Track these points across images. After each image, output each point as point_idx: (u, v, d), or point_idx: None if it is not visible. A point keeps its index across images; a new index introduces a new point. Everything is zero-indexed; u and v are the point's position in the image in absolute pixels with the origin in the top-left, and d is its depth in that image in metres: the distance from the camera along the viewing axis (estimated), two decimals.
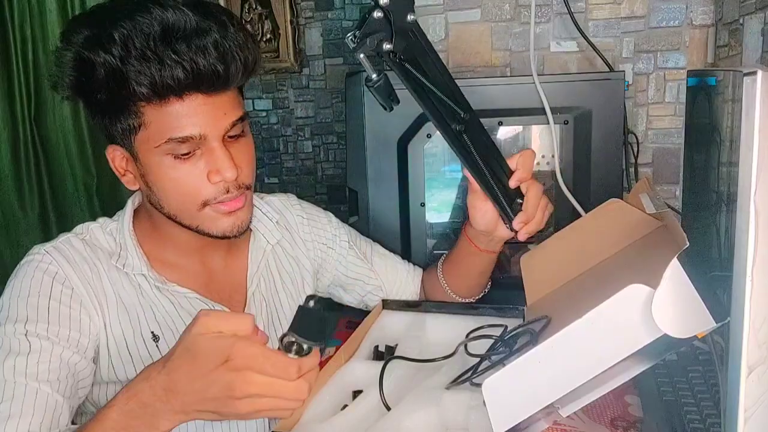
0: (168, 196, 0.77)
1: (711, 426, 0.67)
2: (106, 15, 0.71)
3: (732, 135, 0.53)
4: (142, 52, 0.68)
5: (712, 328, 0.55)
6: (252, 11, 2.97)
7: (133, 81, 0.69)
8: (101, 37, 0.69)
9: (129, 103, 0.72)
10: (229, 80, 0.74)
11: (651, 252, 0.78)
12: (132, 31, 0.69)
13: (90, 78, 0.70)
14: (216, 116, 0.74)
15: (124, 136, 0.75)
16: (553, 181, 1.12)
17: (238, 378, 0.53)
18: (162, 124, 0.72)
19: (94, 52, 0.69)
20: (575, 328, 0.59)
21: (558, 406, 0.63)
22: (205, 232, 0.79)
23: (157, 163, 0.75)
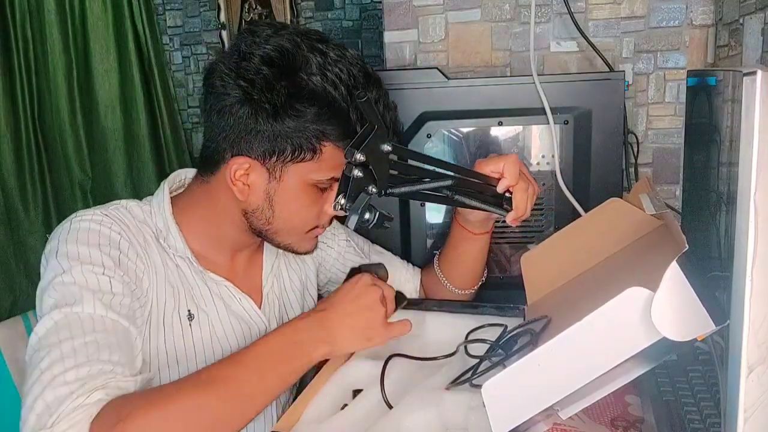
0: (288, 218, 0.82)
1: (711, 426, 0.67)
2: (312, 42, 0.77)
3: (732, 135, 0.53)
4: (385, 102, 0.79)
5: (711, 331, 0.55)
6: (252, 11, 2.97)
7: (359, 128, 0.74)
8: (324, 66, 0.75)
9: (320, 137, 0.76)
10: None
11: (651, 252, 0.78)
12: (350, 73, 0.76)
13: (304, 106, 0.74)
14: None
15: (280, 156, 0.77)
16: (553, 181, 1.12)
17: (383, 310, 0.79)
18: (334, 164, 0.78)
19: (312, 77, 0.74)
20: (574, 331, 0.59)
21: (558, 408, 0.63)
22: (293, 250, 0.87)
23: (301, 190, 0.80)
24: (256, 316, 0.90)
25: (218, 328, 0.87)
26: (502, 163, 0.87)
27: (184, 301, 0.84)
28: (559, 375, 0.60)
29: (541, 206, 1.15)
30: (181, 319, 0.83)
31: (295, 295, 0.99)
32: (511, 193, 0.89)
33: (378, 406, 0.78)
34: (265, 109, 0.75)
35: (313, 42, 0.76)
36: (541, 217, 1.15)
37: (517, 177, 0.87)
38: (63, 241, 0.75)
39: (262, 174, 0.79)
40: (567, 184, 1.10)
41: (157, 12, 2.98)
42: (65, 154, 2.24)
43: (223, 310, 0.87)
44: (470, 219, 0.96)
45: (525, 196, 0.89)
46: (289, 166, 0.78)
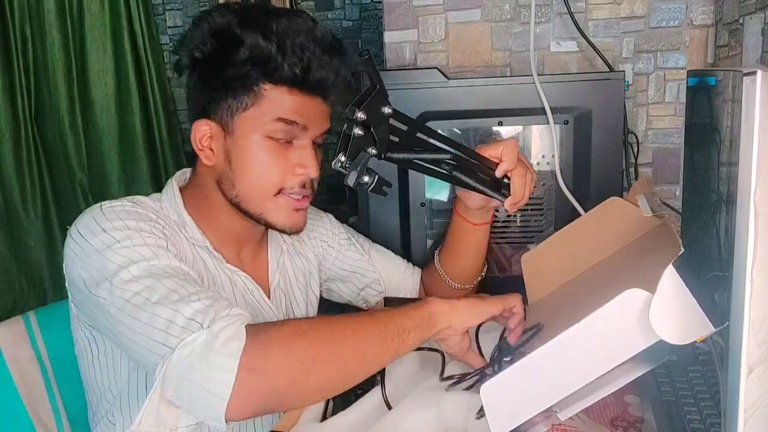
0: (248, 176, 0.81)
1: (711, 426, 0.67)
2: (255, 8, 0.80)
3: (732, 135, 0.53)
4: (301, 45, 0.77)
5: (710, 333, 0.55)
6: None
7: (288, 64, 0.76)
8: (257, 23, 0.77)
9: (255, 82, 0.78)
10: (345, 96, 0.81)
11: (650, 252, 0.78)
12: (288, 26, 0.77)
13: (230, 52, 0.77)
14: (319, 119, 0.82)
15: (229, 112, 0.79)
16: (553, 181, 1.12)
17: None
18: (278, 105, 0.79)
19: (248, 32, 0.76)
20: (573, 333, 0.59)
21: (557, 409, 0.63)
22: (266, 221, 0.84)
23: (253, 141, 0.80)
24: (267, 308, 0.91)
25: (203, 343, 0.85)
26: (500, 147, 0.88)
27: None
28: (558, 376, 0.60)
29: (541, 206, 1.15)
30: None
31: (300, 292, 0.99)
32: (509, 179, 0.90)
33: (378, 406, 0.78)
34: (200, 62, 0.80)
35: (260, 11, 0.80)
36: (541, 217, 1.15)
37: (515, 161, 0.89)
38: (104, 220, 0.75)
39: (219, 133, 0.81)
40: (567, 184, 1.10)
41: (156, 12, 2.97)
42: (65, 154, 2.25)
43: (242, 301, 0.88)
44: (470, 208, 0.96)
45: (523, 181, 0.90)
46: (237, 117, 0.80)
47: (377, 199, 1.13)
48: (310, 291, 1.02)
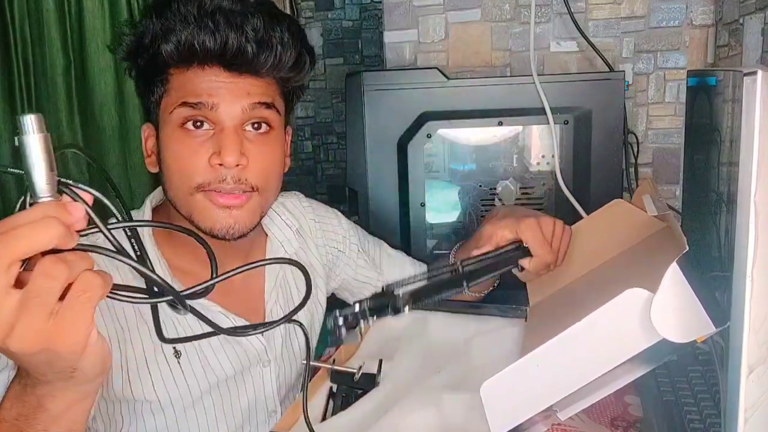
0: (170, 173, 0.74)
1: (711, 426, 0.67)
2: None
3: (732, 135, 0.53)
4: (184, 17, 0.70)
5: (711, 333, 0.55)
6: None
7: (162, 39, 0.71)
8: (162, 8, 0.72)
9: (161, 68, 0.73)
10: (255, 65, 0.72)
11: (653, 254, 0.78)
12: (186, 1, 0.71)
13: (141, 43, 0.73)
14: (236, 94, 0.72)
15: (155, 108, 0.75)
16: (553, 181, 1.12)
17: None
18: (182, 88, 0.72)
19: (152, 20, 0.71)
20: (574, 332, 0.59)
21: (556, 409, 0.63)
22: (196, 225, 0.74)
23: (168, 135, 0.73)
24: (254, 339, 0.83)
25: (211, 359, 0.80)
26: (515, 229, 0.83)
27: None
28: (558, 375, 0.60)
29: (541, 206, 1.15)
30: (167, 358, 0.77)
31: (304, 308, 0.94)
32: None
33: (378, 406, 0.78)
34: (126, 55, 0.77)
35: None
36: None
37: (541, 240, 0.82)
38: None
39: (153, 136, 0.77)
40: (567, 184, 1.10)
41: None
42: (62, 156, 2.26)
43: (215, 338, 0.79)
44: None
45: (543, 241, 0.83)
46: (158, 111, 0.75)
47: (377, 199, 1.14)
48: (317, 304, 0.97)
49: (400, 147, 1.11)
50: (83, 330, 0.44)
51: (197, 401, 0.79)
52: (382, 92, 1.10)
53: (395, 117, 1.10)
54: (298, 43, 0.75)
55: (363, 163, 1.12)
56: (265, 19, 0.72)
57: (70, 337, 0.43)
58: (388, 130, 1.11)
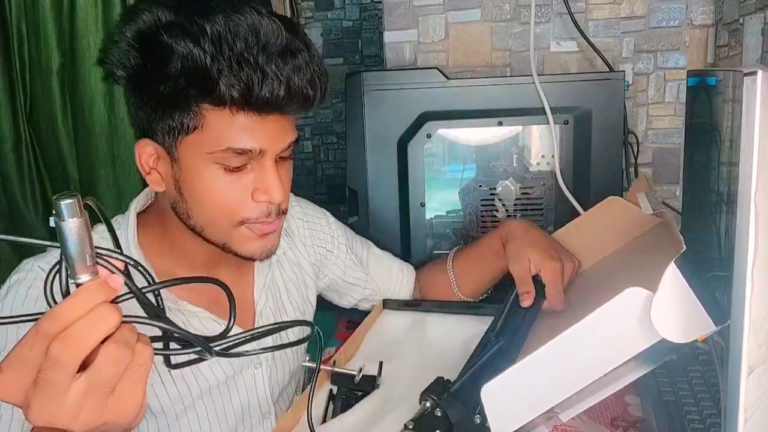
0: (203, 207, 0.71)
1: (711, 426, 0.67)
2: (192, 3, 0.66)
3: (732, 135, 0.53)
4: (241, 55, 0.64)
5: (711, 332, 0.55)
6: None
7: (224, 84, 0.64)
8: (189, 26, 0.64)
9: (194, 102, 0.66)
10: (313, 105, 0.70)
11: (650, 251, 0.78)
12: (226, 28, 0.64)
13: (161, 65, 0.64)
14: (279, 135, 0.70)
15: (170, 134, 0.69)
16: (553, 181, 1.12)
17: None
18: (224, 131, 0.67)
19: (178, 39, 0.63)
20: (574, 332, 0.59)
21: (558, 410, 0.63)
22: (233, 251, 0.74)
23: (201, 170, 0.69)
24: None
25: (203, 365, 0.78)
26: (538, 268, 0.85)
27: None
28: (559, 377, 0.60)
29: (541, 206, 1.15)
30: (157, 366, 0.74)
31: (293, 307, 0.92)
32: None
33: (379, 408, 0.78)
34: (130, 76, 0.69)
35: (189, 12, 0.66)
36: (541, 217, 1.15)
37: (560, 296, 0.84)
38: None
39: (165, 157, 0.71)
40: (567, 184, 1.10)
41: None
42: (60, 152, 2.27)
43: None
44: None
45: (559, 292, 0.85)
46: (180, 142, 0.69)
47: (377, 199, 1.14)
48: (307, 304, 0.96)
49: (400, 147, 1.11)
50: (141, 400, 0.45)
51: (189, 407, 0.78)
52: (382, 92, 1.10)
53: (395, 117, 1.10)
54: (324, 66, 0.72)
55: (363, 163, 1.12)
56: (306, 50, 0.68)
57: (131, 406, 0.44)
58: (388, 130, 1.11)
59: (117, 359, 0.42)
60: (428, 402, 0.68)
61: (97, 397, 0.42)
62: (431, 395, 0.68)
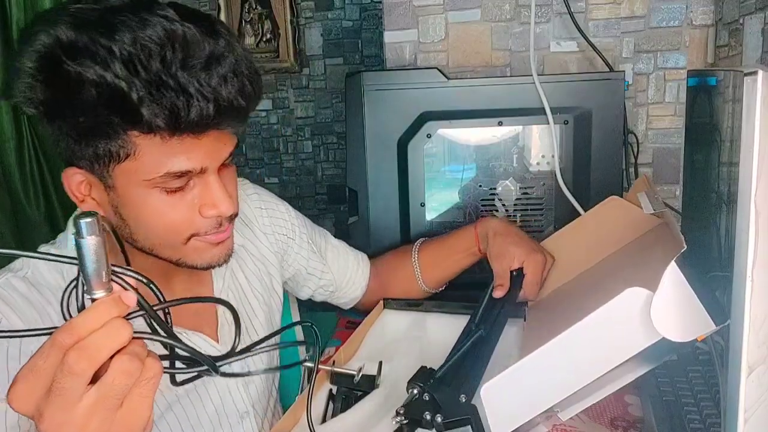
0: (149, 231, 0.68)
1: (711, 426, 0.67)
2: (91, 17, 0.59)
3: (732, 135, 0.53)
4: (156, 76, 0.58)
5: (711, 331, 0.55)
6: (252, 11, 2.97)
7: (146, 111, 0.58)
8: (93, 48, 0.57)
9: (120, 130, 0.60)
10: (247, 114, 0.66)
11: (651, 251, 0.78)
12: (135, 47, 0.57)
13: (74, 96, 0.58)
14: (218, 149, 0.66)
15: (99, 162, 0.63)
16: (553, 181, 1.12)
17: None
18: (159, 157, 0.62)
19: (85, 66, 0.57)
20: (574, 332, 0.59)
21: (557, 410, 0.63)
22: (188, 265, 0.71)
23: (140, 196, 0.65)
24: (208, 347, 0.79)
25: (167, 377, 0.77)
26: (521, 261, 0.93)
27: None
28: (559, 376, 0.60)
29: (541, 206, 1.15)
30: None
31: (258, 300, 0.89)
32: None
33: (378, 408, 0.78)
34: (41, 113, 0.62)
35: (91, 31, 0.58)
36: (541, 217, 1.15)
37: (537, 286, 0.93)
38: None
39: (97, 184, 0.66)
40: (567, 184, 1.10)
41: None
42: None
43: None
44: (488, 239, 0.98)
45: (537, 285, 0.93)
46: (113, 169, 0.64)
47: (377, 199, 1.14)
48: (273, 295, 0.93)
49: (400, 147, 1.11)
50: (148, 415, 0.46)
51: (160, 420, 0.76)
52: (382, 92, 1.10)
53: (395, 117, 1.10)
54: (251, 56, 0.66)
55: (363, 163, 1.12)
56: (228, 49, 0.62)
57: (139, 420, 0.45)
58: (388, 130, 1.11)
59: (128, 371, 0.43)
60: (415, 389, 0.70)
61: (107, 409, 0.43)
62: (417, 382, 0.70)
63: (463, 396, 0.67)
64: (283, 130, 3.09)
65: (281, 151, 3.11)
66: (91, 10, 0.60)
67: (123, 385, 0.43)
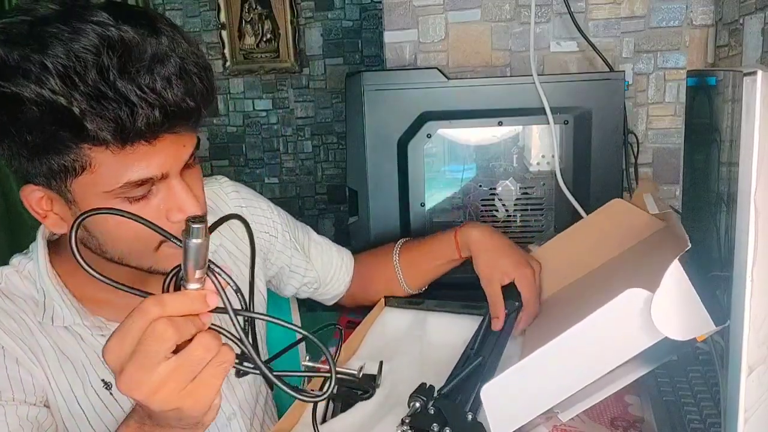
0: (116, 242, 0.66)
1: (711, 426, 0.67)
2: (21, 31, 0.57)
3: (732, 135, 0.53)
4: (95, 88, 0.55)
5: (712, 332, 0.55)
6: (252, 11, 2.97)
7: (90, 124, 0.56)
8: (25, 65, 0.55)
9: (71, 143, 0.58)
10: (200, 114, 0.63)
11: (654, 254, 0.78)
12: (69, 59, 0.55)
13: (17, 115, 0.56)
14: (176, 152, 0.63)
15: (55, 178, 0.62)
16: (553, 181, 1.12)
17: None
18: (116, 167, 0.60)
19: (20, 85, 0.55)
20: (574, 332, 0.59)
21: (557, 410, 0.63)
22: (161, 272, 0.68)
23: (102, 206, 0.62)
24: None
25: None
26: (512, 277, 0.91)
27: (93, 373, 0.72)
28: (559, 377, 0.60)
29: (541, 206, 1.15)
30: (98, 392, 0.72)
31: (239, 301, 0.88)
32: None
33: (378, 409, 0.78)
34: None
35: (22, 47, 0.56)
36: (541, 217, 1.15)
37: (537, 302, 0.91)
38: None
39: (58, 200, 0.64)
40: (567, 184, 1.10)
41: None
42: None
43: None
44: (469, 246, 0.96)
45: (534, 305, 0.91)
46: (70, 184, 0.62)
47: (377, 199, 1.14)
48: (256, 293, 0.88)
49: (400, 147, 1.11)
50: (215, 393, 0.51)
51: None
52: (382, 92, 1.10)
53: (395, 117, 1.10)
54: (198, 48, 0.64)
55: (363, 163, 1.12)
56: (172, 46, 0.60)
57: (205, 398, 0.50)
58: (388, 130, 1.11)
59: (208, 346, 0.49)
60: (417, 402, 0.70)
61: (181, 378, 0.48)
62: (420, 395, 0.70)
63: (469, 414, 0.67)
64: (283, 130, 3.10)
65: (281, 151, 3.11)
66: (20, 23, 0.58)
67: (201, 358, 0.49)
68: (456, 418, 0.67)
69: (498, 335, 0.87)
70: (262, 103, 3.07)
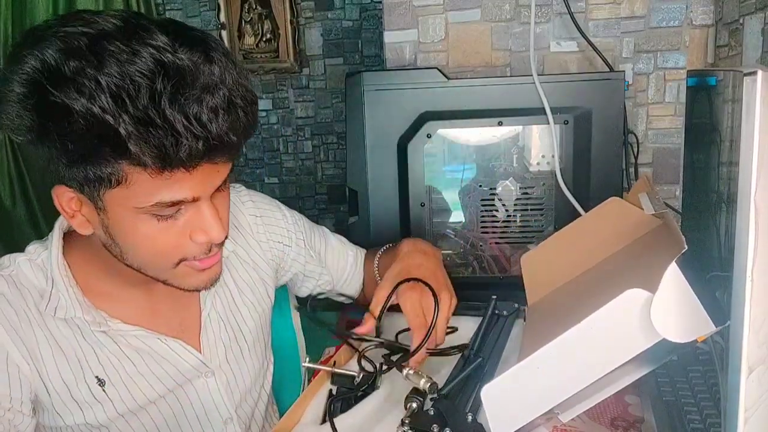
0: (138, 252, 0.68)
1: (711, 426, 0.67)
2: (80, 44, 0.58)
3: (732, 135, 0.53)
4: (144, 112, 0.56)
5: (712, 332, 0.55)
6: (252, 11, 2.97)
7: (134, 147, 0.57)
8: (79, 79, 0.56)
9: (111, 158, 0.59)
10: (240, 148, 0.65)
11: (651, 252, 0.78)
12: (123, 80, 0.56)
13: (63, 124, 0.57)
14: (210, 179, 0.65)
15: (89, 185, 0.63)
16: (553, 181, 1.12)
17: None
18: (150, 187, 0.62)
19: (72, 98, 0.56)
20: (574, 333, 0.59)
21: (558, 411, 0.63)
22: (174, 286, 0.73)
23: (131, 220, 0.65)
24: (187, 354, 0.80)
25: (140, 382, 0.77)
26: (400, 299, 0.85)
27: (88, 368, 0.74)
28: (559, 378, 0.60)
29: (541, 206, 1.15)
30: (91, 388, 0.74)
31: (248, 309, 0.89)
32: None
33: (378, 408, 0.78)
34: (31, 137, 0.61)
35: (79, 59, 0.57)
36: (541, 217, 1.15)
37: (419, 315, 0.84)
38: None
39: (88, 204, 0.66)
40: (567, 184, 1.10)
41: (157, 12, 2.98)
42: None
43: (140, 362, 0.77)
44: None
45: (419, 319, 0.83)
46: (103, 194, 0.63)
47: (377, 199, 1.14)
48: (263, 300, 0.92)
49: (400, 147, 1.11)
50: None
51: (140, 410, 0.77)
52: (382, 92, 1.10)
53: (395, 117, 1.10)
54: (247, 78, 0.66)
55: (363, 163, 1.12)
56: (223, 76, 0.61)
57: None
58: (388, 130, 1.11)
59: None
60: (414, 403, 0.70)
61: None
62: (416, 396, 0.71)
63: (469, 415, 0.68)
64: (283, 130, 3.10)
65: (281, 151, 3.11)
66: (81, 35, 0.59)
67: None
68: (456, 419, 0.67)
69: (498, 335, 0.87)
70: (262, 103, 3.07)
